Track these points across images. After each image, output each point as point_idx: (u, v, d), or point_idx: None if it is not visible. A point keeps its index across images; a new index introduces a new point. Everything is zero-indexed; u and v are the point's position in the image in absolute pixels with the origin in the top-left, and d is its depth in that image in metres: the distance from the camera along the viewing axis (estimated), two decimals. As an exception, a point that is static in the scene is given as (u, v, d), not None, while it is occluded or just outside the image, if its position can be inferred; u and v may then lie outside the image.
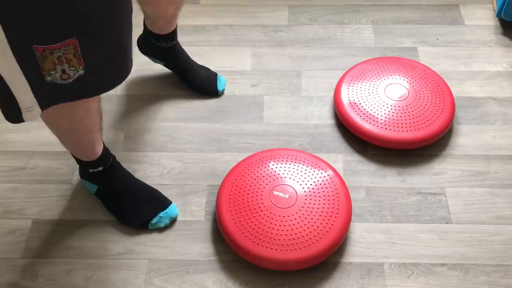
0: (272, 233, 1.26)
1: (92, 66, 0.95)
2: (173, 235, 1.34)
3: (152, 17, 1.47)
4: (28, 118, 0.99)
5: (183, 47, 1.62)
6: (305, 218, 1.28)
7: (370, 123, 1.48)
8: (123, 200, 1.35)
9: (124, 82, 1.65)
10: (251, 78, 1.68)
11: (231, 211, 1.30)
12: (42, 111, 1.00)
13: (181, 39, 1.72)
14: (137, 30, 1.58)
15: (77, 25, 0.88)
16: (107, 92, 1.62)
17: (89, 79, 0.97)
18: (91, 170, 1.33)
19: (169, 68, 1.63)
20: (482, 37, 1.79)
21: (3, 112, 1.00)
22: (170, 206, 1.36)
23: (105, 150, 1.33)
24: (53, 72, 0.92)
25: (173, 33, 1.53)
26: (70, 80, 0.95)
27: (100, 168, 1.33)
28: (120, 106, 1.61)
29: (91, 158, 1.30)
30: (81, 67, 0.93)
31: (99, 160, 1.31)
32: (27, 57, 0.89)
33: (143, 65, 1.68)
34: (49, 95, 0.98)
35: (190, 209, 1.38)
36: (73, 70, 0.93)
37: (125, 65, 1.04)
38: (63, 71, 0.93)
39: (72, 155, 1.33)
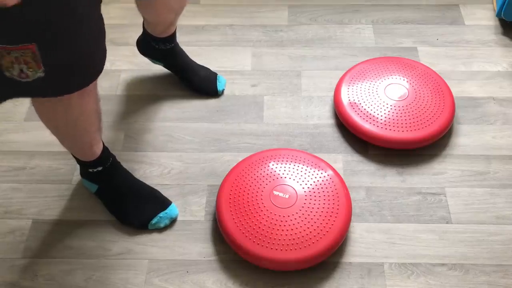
0: (272, 233, 1.26)
1: (53, 70, 0.94)
2: (173, 235, 1.34)
3: (152, 23, 1.47)
4: None
5: (183, 47, 1.62)
6: (305, 218, 1.28)
7: (370, 123, 1.48)
8: (123, 200, 1.35)
9: (123, 82, 1.67)
10: (251, 78, 1.68)
11: (231, 211, 1.30)
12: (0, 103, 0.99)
13: (181, 39, 1.72)
14: (137, 31, 1.59)
15: (36, 31, 0.88)
16: (107, 93, 1.64)
17: (51, 81, 0.96)
18: (90, 170, 1.33)
19: (168, 69, 1.63)
20: (482, 37, 1.79)
21: None
22: (170, 206, 1.36)
23: (105, 150, 1.33)
24: (11, 69, 0.92)
25: (172, 36, 1.53)
26: (29, 80, 0.94)
27: (100, 168, 1.33)
28: (120, 106, 1.61)
29: (90, 158, 1.30)
30: (40, 70, 0.93)
31: (99, 160, 1.31)
32: None
33: (143, 65, 1.69)
34: (6, 89, 0.97)
35: (190, 209, 1.38)
36: (32, 71, 0.93)
37: (93, 67, 1.03)
38: (21, 70, 0.92)
39: (72, 154, 1.33)
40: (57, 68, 0.95)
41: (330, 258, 1.28)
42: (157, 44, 1.53)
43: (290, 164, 1.38)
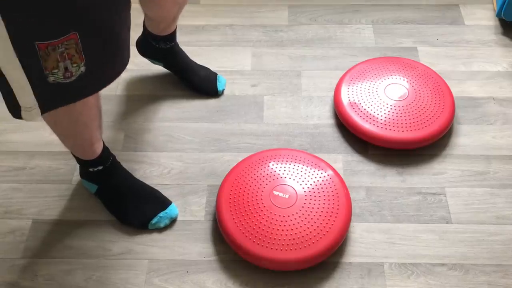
0: (272, 233, 1.26)
1: (92, 60, 0.95)
2: (173, 235, 1.34)
3: (155, 19, 1.47)
4: (26, 118, 0.99)
5: (182, 47, 1.62)
6: (305, 218, 1.28)
7: (370, 123, 1.48)
8: (123, 200, 1.35)
9: (123, 82, 1.67)
10: (251, 78, 1.68)
11: (231, 211, 1.30)
12: (42, 114, 1.00)
13: (181, 39, 1.72)
14: (137, 31, 1.59)
15: (77, 19, 0.89)
16: (107, 92, 1.63)
17: (90, 76, 0.97)
18: (91, 169, 1.33)
19: (168, 69, 1.63)
20: (482, 37, 1.79)
21: (6, 105, 1.00)
22: (170, 206, 1.36)
23: (105, 149, 1.33)
24: (56, 71, 0.93)
25: (173, 34, 1.53)
26: (73, 78, 0.95)
27: (100, 168, 1.33)
28: (120, 106, 1.61)
29: (90, 156, 1.30)
30: (82, 62, 0.94)
31: (99, 159, 1.31)
32: (29, 55, 0.89)
33: (142, 66, 1.68)
34: (50, 97, 0.98)
35: (190, 209, 1.38)
36: (76, 66, 0.94)
37: (121, 60, 1.05)
38: (66, 69, 0.93)
39: (72, 154, 1.33)
40: (95, 59, 0.96)
41: (330, 258, 1.28)
42: (157, 43, 1.53)
43: (290, 164, 1.38)
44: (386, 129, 1.47)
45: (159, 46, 1.54)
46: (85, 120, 1.19)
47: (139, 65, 1.69)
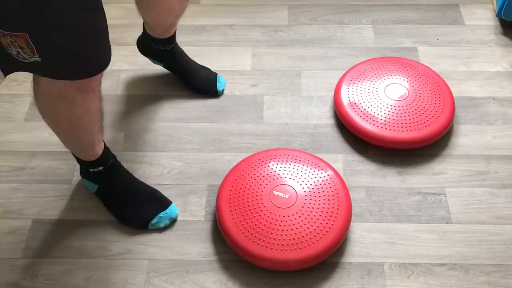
0: (272, 233, 1.26)
1: (48, 56, 0.95)
2: (173, 235, 1.34)
3: (152, 25, 1.47)
4: None
5: (182, 47, 1.62)
6: (305, 218, 1.28)
7: (370, 123, 1.48)
8: (123, 200, 1.35)
9: (123, 82, 1.67)
10: (251, 78, 1.68)
11: (231, 211, 1.30)
12: (4, 77, 1.01)
13: (181, 39, 1.72)
14: (137, 31, 1.59)
15: (30, 23, 0.89)
16: (107, 92, 1.64)
17: (49, 66, 0.97)
18: (91, 170, 1.33)
19: (168, 70, 1.63)
20: (482, 37, 1.79)
21: None
22: (170, 206, 1.36)
23: (106, 149, 1.33)
24: (10, 49, 0.93)
25: (172, 37, 1.53)
26: (26, 61, 0.95)
27: (101, 168, 1.33)
28: (120, 106, 1.61)
29: (91, 158, 1.30)
30: (35, 55, 0.94)
31: (99, 160, 1.31)
32: None
33: (143, 65, 1.68)
34: (9, 63, 0.98)
35: (190, 209, 1.38)
36: (28, 55, 0.94)
37: (90, 66, 1.03)
38: (18, 53, 0.94)
39: (73, 154, 1.33)
40: (52, 59, 0.96)
41: (330, 258, 1.28)
42: (156, 45, 1.53)
43: (290, 164, 1.38)
44: (386, 129, 1.47)
45: (158, 48, 1.54)
46: (87, 125, 1.19)
47: (139, 65, 1.69)
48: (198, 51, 1.74)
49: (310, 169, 1.37)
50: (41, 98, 1.11)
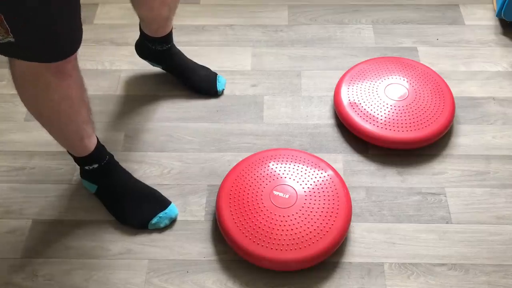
0: (272, 233, 1.26)
1: (22, 40, 0.97)
2: (173, 235, 1.34)
3: (146, 20, 1.47)
4: None
5: (183, 47, 1.62)
6: (305, 218, 1.28)
7: (370, 123, 1.48)
8: (123, 200, 1.35)
9: (123, 82, 1.67)
10: (251, 78, 1.68)
11: (231, 211, 1.30)
12: None
13: (181, 39, 1.72)
14: (137, 31, 1.59)
15: (5, 6, 0.91)
16: (107, 92, 1.64)
17: (22, 46, 0.99)
18: (86, 167, 1.33)
19: (168, 71, 1.63)
20: (482, 37, 1.79)
21: None
22: (169, 206, 1.36)
23: (99, 146, 1.33)
24: None
25: (168, 36, 1.52)
26: (0, 42, 0.97)
27: (95, 166, 1.33)
28: (120, 106, 1.61)
29: (82, 153, 1.30)
30: (9, 36, 0.96)
31: (93, 156, 1.31)
32: None
33: (142, 65, 1.68)
34: None
35: (190, 209, 1.38)
36: (2, 36, 0.95)
37: (60, 46, 1.04)
38: None
39: (68, 152, 1.32)
40: (25, 40, 0.98)
41: (330, 258, 1.28)
42: (153, 45, 1.53)
43: (290, 164, 1.38)
44: (386, 129, 1.47)
45: (156, 48, 1.53)
46: (68, 112, 1.17)
47: (139, 65, 1.69)
48: (198, 51, 1.74)
49: (310, 169, 1.37)
50: (19, 84, 1.12)
